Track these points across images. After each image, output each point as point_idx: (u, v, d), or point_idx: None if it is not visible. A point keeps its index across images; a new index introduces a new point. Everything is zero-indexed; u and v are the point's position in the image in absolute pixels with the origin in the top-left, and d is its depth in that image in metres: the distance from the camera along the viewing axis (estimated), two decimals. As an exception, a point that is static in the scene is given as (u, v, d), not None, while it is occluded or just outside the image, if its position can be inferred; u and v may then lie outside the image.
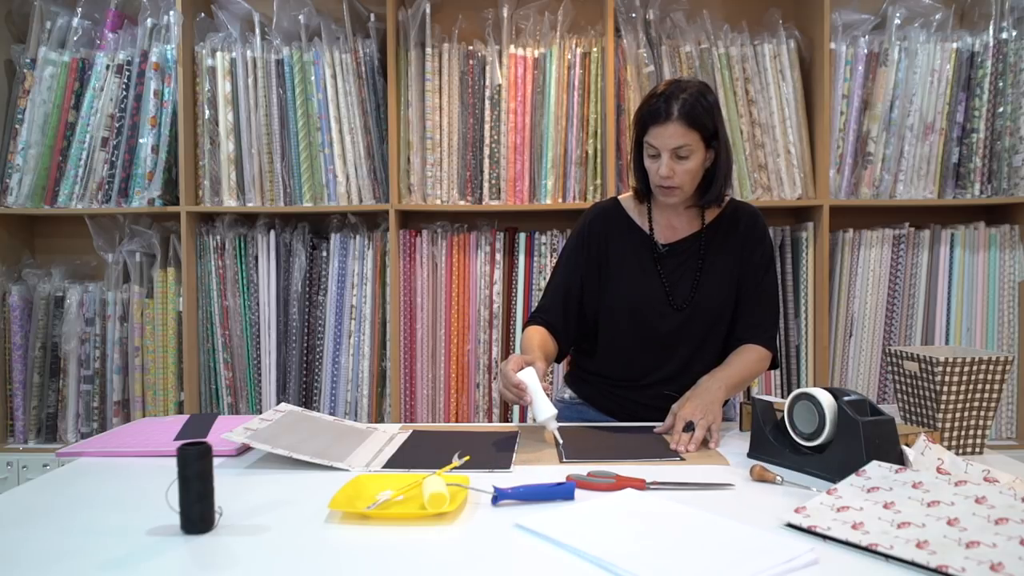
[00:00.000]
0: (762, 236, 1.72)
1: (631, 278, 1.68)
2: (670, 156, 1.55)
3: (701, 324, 1.67)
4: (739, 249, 1.69)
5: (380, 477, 1.19)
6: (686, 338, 1.67)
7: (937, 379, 1.36)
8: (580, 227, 1.75)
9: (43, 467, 2.53)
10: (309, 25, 2.57)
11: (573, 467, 1.27)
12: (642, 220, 1.72)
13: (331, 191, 2.56)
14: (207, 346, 2.61)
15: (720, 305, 1.68)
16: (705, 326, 1.68)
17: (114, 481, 1.25)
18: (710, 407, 1.48)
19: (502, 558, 0.93)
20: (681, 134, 1.53)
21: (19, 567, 0.91)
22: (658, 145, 1.55)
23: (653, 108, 1.55)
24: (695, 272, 1.67)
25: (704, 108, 1.55)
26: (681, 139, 1.53)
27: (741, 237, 1.70)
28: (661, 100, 1.54)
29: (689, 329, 1.66)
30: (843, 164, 2.52)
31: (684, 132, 1.53)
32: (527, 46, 2.56)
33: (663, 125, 1.53)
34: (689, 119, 1.53)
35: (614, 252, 1.70)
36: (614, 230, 1.72)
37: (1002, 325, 2.53)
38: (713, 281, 1.67)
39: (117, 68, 2.56)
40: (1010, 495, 0.95)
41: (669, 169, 1.56)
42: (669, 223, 1.71)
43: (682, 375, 1.66)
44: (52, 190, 2.58)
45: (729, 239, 1.70)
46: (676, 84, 1.56)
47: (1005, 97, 2.49)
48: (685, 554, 0.90)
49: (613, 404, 1.74)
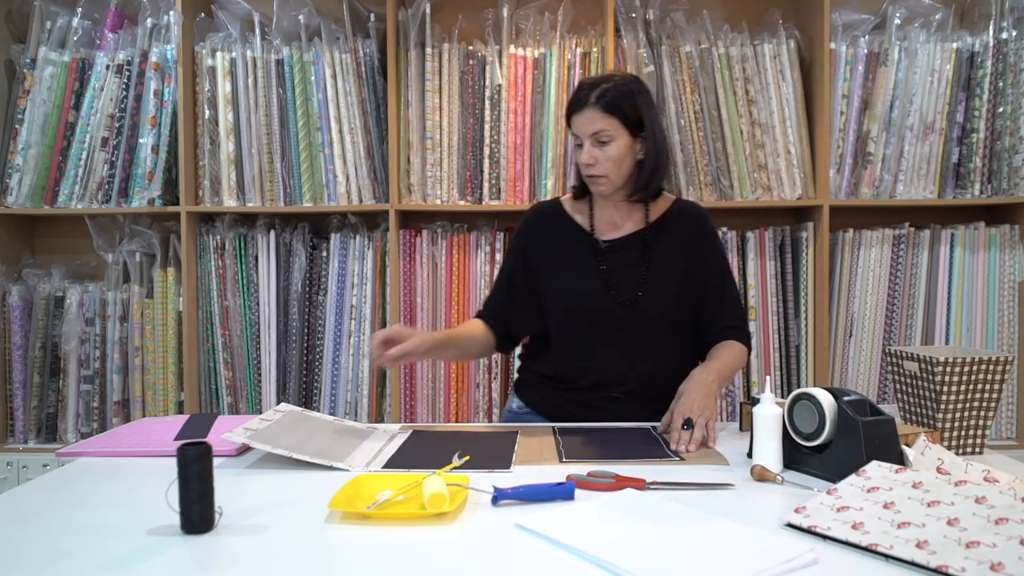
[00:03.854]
0: (712, 234, 1.73)
1: (571, 275, 1.69)
2: (591, 142, 1.59)
3: (645, 321, 1.66)
4: (686, 249, 1.69)
5: (380, 477, 1.19)
6: (630, 335, 1.66)
7: (937, 379, 1.36)
8: (519, 229, 1.78)
9: (43, 467, 2.53)
10: (309, 25, 2.57)
11: (573, 467, 1.27)
12: (583, 218, 1.73)
13: (331, 191, 2.56)
14: (207, 346, 2.61)
15: (664, 303, 1.67)
16: (649, 324, 1.66)
17: (114, 481, 1.25)
18: (707, 402, 1.47)
19: (502, 558, 0.93)
20: (598, 119, 1.57)
21: (19, 567, 0.91)
22: (579, 132, 1.60)
23: (573, 98, 1.61)
24: (640, 268, 1.67)
25: (623, 95, 1.59)
26: (599, 124, 1.57)
27: (688, 236, 1.70)
28: (581, 90, 1.60)
29: (633, 326, 1.66)
30: (843, 164, 2.52)
31: (601, 117, 1.57)
32: (527, 46, 2.56)
33: (580, 112, 1.59)
34: (606, 105, 1.57)
35: (553, 251, 1.71)
36: (553, 229, 1.74)
37: (1002, 325, 2.53)
38: (658, 279, 1.67)
39: (117, 68, 2.56)
40: (1010, 495, 0.95)
41: (590, 156, 1.59)
42: (611, 220, 1.71)
43: (627, 376, 1.66)
44: (52, 190, 2.58)
45: (675, 238, 1.69)
46: (601, 76, 1.63)
47: (1005, 97, 2.49)
48: (685, 554, 0.90)
49: (559, 409, 1.72)
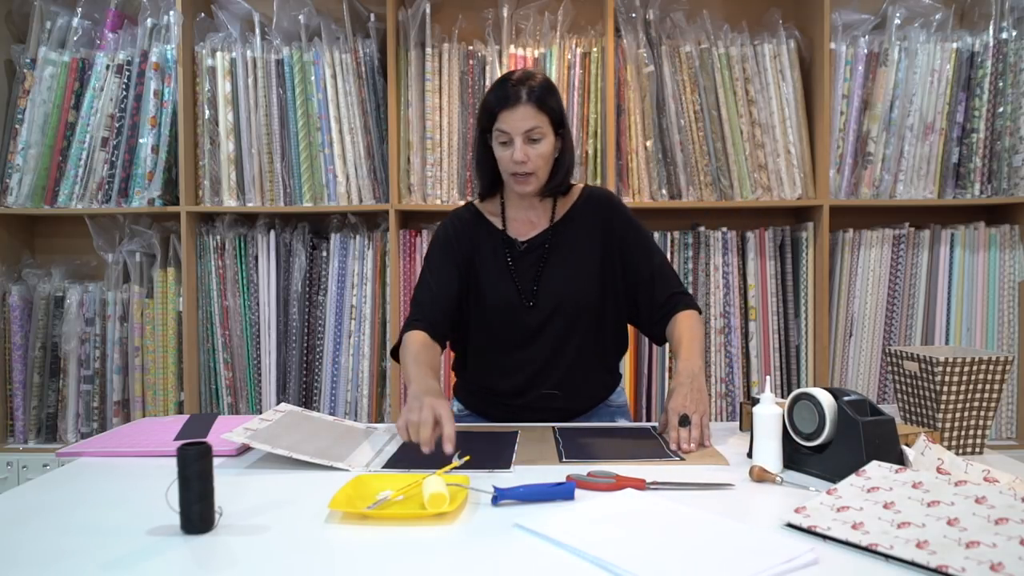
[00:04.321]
0: (625, 216, 1.70)
1: (490, 280, 1.66)
2: (523, 140, 1.55)
3: (563, 318, 1.65)
4: (601, 234, 1.68)
5: (380, 477, 1.19)
6: (549, 334, 1.65)
7: (937, 379, 1.36)
8: (437, 235, 1.72)
9: (43, 467, 2.53)
10: (309, 25, 2.57)
11: (573, 467, 1.27)
12: (498, 220, 1.71)
13: (331, 191, 2.56)
14: (207, 346, 2.61)
15: (588, 295, 1.66)
16: (567, 320, 1.65)
17: (114, 481, 1.25)
18: (700, 395, 1.47)
19: (502, 558, 0.93)
20: (532, 115, 1.54)
21: (19, 567, 0.91)
22: (510, 129, 1.55)
23: (502, 94, 1.55)
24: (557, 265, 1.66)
25: (549, 91, 1.58)
26: (533, 120, 1.54)
27: (601, 222, 1.68)
28: (510, 86, 1.56)
29: (552, 325, 1.64)
30: (843, 164, 2.52)
31: (535, 114, 1.55)
32: (527, 46, 2.56)
33: (513, 108, 1.54)
34: (539, 102, 1.55)
35: (477, 256, 1.68)
36: (476, 234, 1.70)
37: (1002, 325, 2.53)
38: (567, 274, 1.65)
39: (117, 68, 2.56)
40: (1010, 495, 0.95)
41: (523, 153, 1.55)
42: (526, 218, 1.70)
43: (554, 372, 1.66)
44: (52, 190, 2.58)
45: (588, 226, 1.68)
46: (523, 72, 1.59)
47: (1005, 97, 2.49)
48: (685, 554, 0.90)
49: (498, 411, 1.72)
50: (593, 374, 1.73)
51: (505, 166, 1.60)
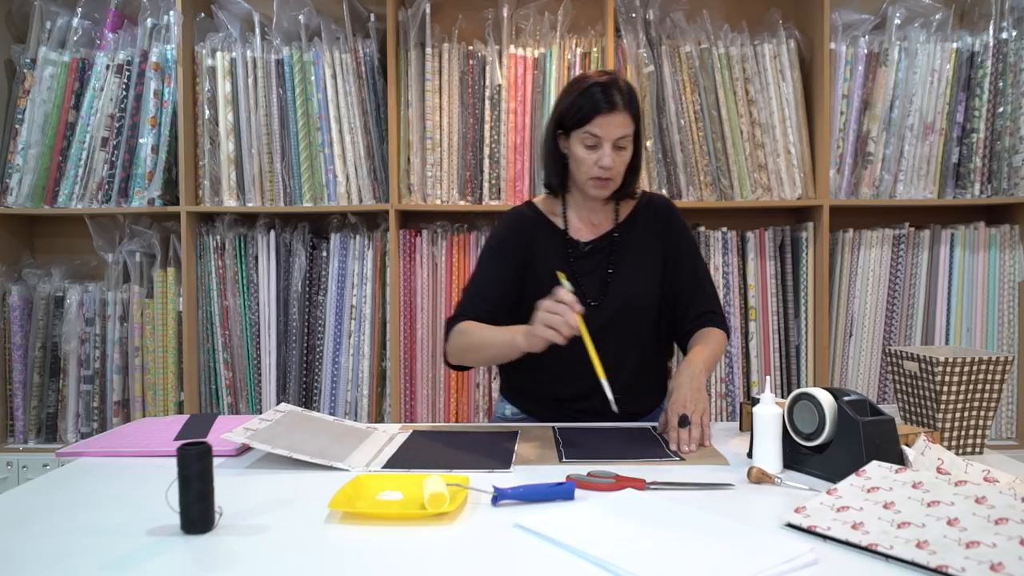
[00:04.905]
0: (682, 225, 1.73)
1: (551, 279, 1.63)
2: (612, 146, 1.55)
3: (627, 319, 1.65)
4: (661, 242, 1.69)
5: (380, 477, 1.19)
6: (612, 336, 1.63)
7: (937, 379, 1.36)
8: (496, 234, 1.71)
9: (43, 467, 2.53)
10: (309, 25, 2.57)
11: (573, 467, 1.27)
12: (558, 219, 1.70)
13: (331, 191, 2.56)
14: (207, 346, 2.61)
15: (645, 299, 1.67)
16: (631, 321, 1.65)
17: (114, 481, 1.25)
18: (699, 395, 1.47)
19: (502, 558, 0.93)
20: (627, 123, 1.55)
21: (20, 567, 0.91)
22: (603, 134, 1.55)
23: (603, 99, 1.54)
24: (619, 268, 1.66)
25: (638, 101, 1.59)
26: (626, 128, 1.56)
27: (659, 228, 1.70)
28: (604, 90, 1.54)
29: (613, 327, 1.63)
30: (843, 164, 2.52)
31: (629, 122, 1.56)
32: (527, 46, 2.56)
33: (611, 114, 1.54)
34: (632, 110, 1.56)
35: (536, 256, 1.67)
36: (536, 234, 1.69)
37: (1002, 325, 2.53)
38: (633, 276, 1.66)
39: (117, 68, 2.56)
40: (1010, 495, 0.95)
41: (612, 159, 1.55)
42: (588, 220, 1.70)
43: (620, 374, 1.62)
44: (52, 190, 2.58)
45: (647, 232, 1.69)
46: (614, 77, 1.58)
47: (1005, 97, 2.49)
48: (685, 554, 0.90)
49: (554, 414, 1.69)
50: (653, 376, 1.74)
51: (587, 169, 1.59)
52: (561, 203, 1.71)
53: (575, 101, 1.57)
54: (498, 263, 1.67)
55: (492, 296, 1.64)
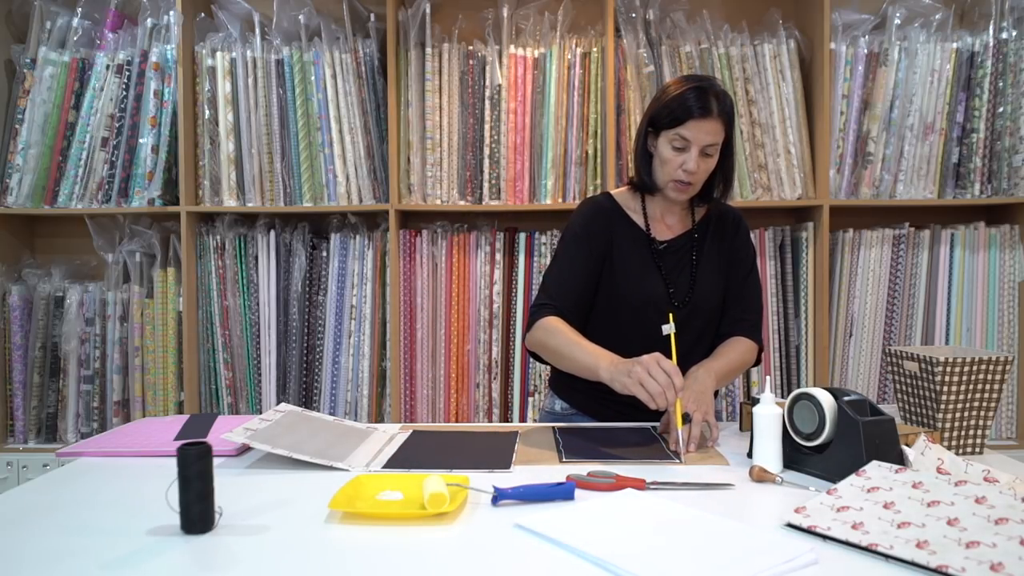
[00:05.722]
0: (747, 238, 1.75)
1: (633, 275, 1.65)
2: (699, 151, 1.55)
3: (698, 321, 1.67)
4: (728, 249, 1.71)
5: (380, 477, 1.19)
6: (683, 336, 1.64)
7: (937, 379, 1.36)
8: (578, 222, 1.69)
9: (43, 467, 2.53)
10: (309, 25, 2.57)
11: (573, 467, 1.27)
12: (637, 216, 1.70)
13: (331, 191, 2.56)
14: (207, 346, 2.61)
15: (712, 301, 1.69)
16: (701, 323, 1.68)
17: (114, 481, 1.25)
18: (702, 396, 1.47)
19: (502, 558, 0.93)
20: (718, 131, 1.54)
21: (20, 567, 0.91)
22: (692, 139, 1.53)
23: (699, 103, 1.52)
24: (691, 269, 1.68)
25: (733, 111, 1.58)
26: (716, 136, 1.55)
27: (730, 238, 1.72)
28: (700, 94, 1.52)
29: (687, 327, 1.65)
30: (843, 164, 2.52)
31: (719, 130, 1.55)
32: (527, 46, 2.56)
33: (704, 120, 1.52)
34: (725, 118, 1.55)
35: (616, 247, 1.67)
36: (613, 225, 1.68)
37: (1002, 325, 2.53)
38: (706, 279, 1.68)
39: (117, 68, 2.56)
40: (1010, 495, 0.95)
41: (696, 164, 1.55)
42: (664, 220, 1.71)
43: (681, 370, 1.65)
44: (52, 190, 2.58)
45: (718, 238, 1.71)
46: (712, 82, 1.56)
47: (1005, 97, 2.49)
48: (685, 554, 0.90)
49: (609, 410, 1.69)
50: None
51: (670, 171, 1.58)
52: (640, 200, 1.71)
53: (670, 102, 1.56)
54: (582, 252, 1.66)
55: (577, 287, 1.64)
